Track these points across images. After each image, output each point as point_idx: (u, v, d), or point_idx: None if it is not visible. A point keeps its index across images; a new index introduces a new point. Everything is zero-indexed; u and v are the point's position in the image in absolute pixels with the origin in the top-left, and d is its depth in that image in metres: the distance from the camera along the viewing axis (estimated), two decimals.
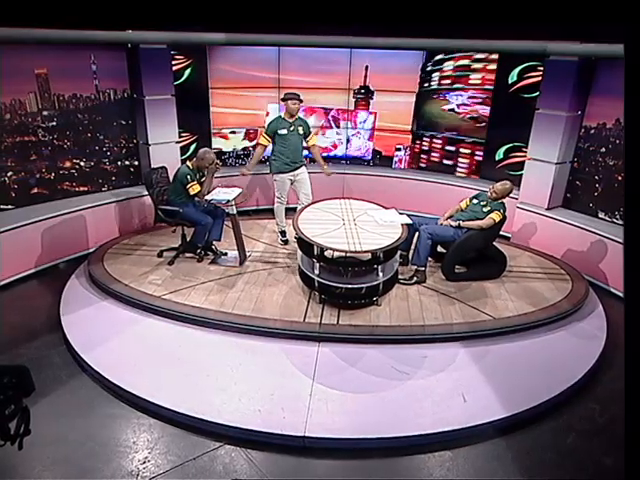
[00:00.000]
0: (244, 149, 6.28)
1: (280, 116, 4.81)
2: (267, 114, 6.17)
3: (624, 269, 1.10)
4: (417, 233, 4.30)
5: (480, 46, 5.04)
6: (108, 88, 5.11)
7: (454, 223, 4.20)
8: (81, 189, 5.18)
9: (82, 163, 5.14)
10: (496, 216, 4.13)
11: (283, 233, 5.01)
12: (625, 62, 1.02)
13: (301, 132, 4.79)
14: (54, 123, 4.84)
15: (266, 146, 4.83)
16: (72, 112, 4.93)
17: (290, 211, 4.91)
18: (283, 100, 4.79)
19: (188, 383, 3.12)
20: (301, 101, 4.73)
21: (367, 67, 5.98)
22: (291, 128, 4.72)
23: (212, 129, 6.07)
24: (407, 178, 6.11)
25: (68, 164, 5.05)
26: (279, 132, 4.69)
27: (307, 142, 4.88)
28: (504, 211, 4.18)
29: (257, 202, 6.20)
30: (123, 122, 5.32)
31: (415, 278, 4.20)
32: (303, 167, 4.89)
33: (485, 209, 4.23)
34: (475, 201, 4.36)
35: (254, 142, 6.13)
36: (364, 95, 6.16)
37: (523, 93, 5.35)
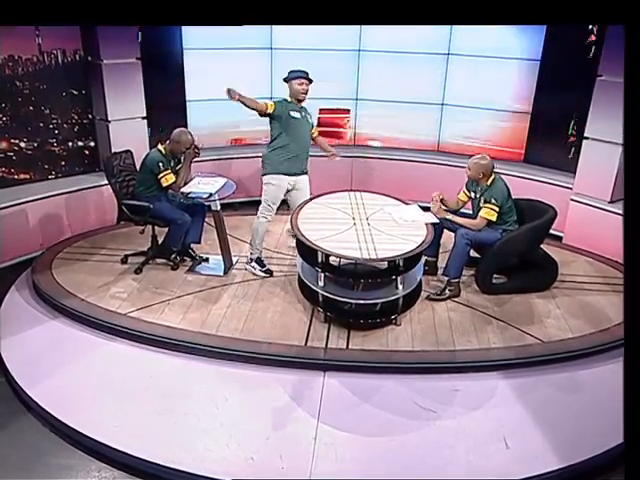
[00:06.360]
0: None
1: (285, 99, 4.45)
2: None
3: (624, 268, 1.13)
4: (447, 234, 4.33)
5: None
6: (55, 48, 5.11)
7: (439, 212, 4.17)
8: (21, 177, 5.20)
9: (22, 144, 5.15)
10: (488, 214, 4.11)
11: (260, 262, 4.53)
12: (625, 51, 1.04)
13: (310, 121, 4.56)
14: None
15: (264, 111, 4.28)
16: (8, 79, 4.92)
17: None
18: (285, 80, 4.44)
19: (162, 424, 3.13)
20: (310, 81, 4.39)
21: None
22: (303, 114, 4.44)
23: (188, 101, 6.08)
24: (434, 163, 6.11)
25: (4, 145, 5.06)
26: (291, 114, 4.34)
27: (312, 134, 4.63)
28: (499, 201, 4.10)
29: (246, 192, 6.20)
30: (75, 92, 5.33)
31: (447, 292, 4.22)
32: (306, 175, 4.60)
33: (477, 197, 4.25)
34: (473, 193, 4.36)
35: None
36: None
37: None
